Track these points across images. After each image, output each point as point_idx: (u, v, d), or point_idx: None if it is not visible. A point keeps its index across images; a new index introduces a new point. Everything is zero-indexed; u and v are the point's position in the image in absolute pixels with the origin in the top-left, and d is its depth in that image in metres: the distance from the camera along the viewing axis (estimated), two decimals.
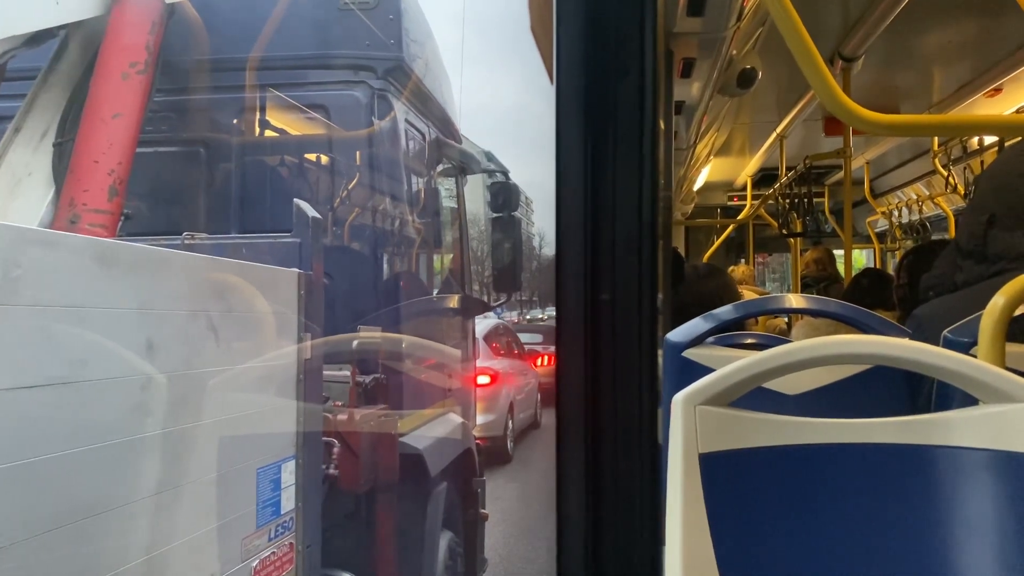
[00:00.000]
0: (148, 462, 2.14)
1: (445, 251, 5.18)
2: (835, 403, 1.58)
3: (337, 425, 3.41)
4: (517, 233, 4.80)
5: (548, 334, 16.41)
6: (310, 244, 3.12)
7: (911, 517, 0.88)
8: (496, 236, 4.80)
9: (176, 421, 2.25)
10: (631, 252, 0.83)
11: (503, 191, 4.82)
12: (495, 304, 5.59)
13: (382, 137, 4.05)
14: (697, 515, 0.87)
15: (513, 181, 4.87)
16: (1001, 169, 1.59)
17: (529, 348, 14.07)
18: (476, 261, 6.41)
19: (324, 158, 4.20)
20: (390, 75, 4.04)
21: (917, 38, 3.71)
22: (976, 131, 4.19)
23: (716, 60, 3.04)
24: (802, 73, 1.33)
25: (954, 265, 1.58)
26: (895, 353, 0.93)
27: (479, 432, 8.50)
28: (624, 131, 0.84)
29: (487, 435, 9.34)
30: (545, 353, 15.26)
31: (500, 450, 9.74)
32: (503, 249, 4.76)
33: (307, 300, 3.00)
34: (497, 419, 9.69)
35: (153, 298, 2.21)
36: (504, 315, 55.06)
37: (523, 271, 5.07)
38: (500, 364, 10.48)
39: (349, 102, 3.96)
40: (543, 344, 15.51)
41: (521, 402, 11.11)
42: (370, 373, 3.69)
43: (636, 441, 0.85)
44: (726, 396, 0.91)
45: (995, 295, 1.12)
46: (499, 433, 9.78)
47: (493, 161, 6.64)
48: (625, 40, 0.84)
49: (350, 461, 3.41)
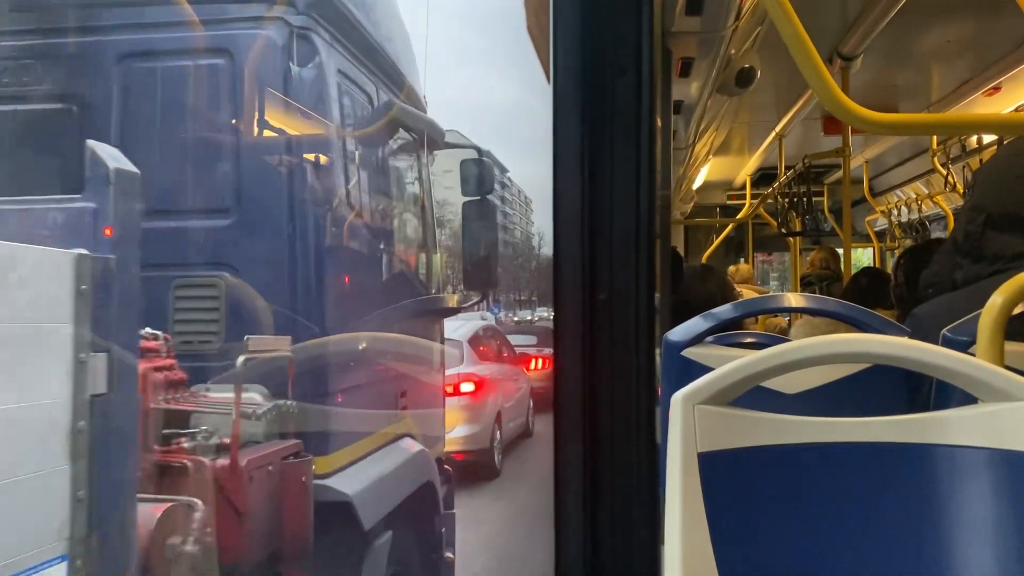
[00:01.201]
0: None
1: (402, 242, 4.29)
2: (834, 402, 1.57)
3: (202, 478, 2.42)
4: (492, 220, 4.05)
5: (542, 335, 15.74)
6: (112, 210, 2.12)
7: (910, 515, 0.88)
8: (468, 224, 3.98)
9: None
10: (629, 251, 0.83)
11: (475, 170, 4.00)
12: (467, 305, 4.76)
13: (302, 89, 3.17)
14: (696, 514, 0.87)
15: (487, 159, 4.10)
16: (996, 170, 1.59)
17: (521, 351, 13.22)
18: (447, 254, 5.70)
19: (227, 118, 3.20)
20: (316, 10, 3.18)
21: (916, 37, 3.71)
22: (975, 130, 4.19)
23: (715, 59, 3.04)
24: (801, 72, 1.33)
25: (953, 263, 1.58)
26: (894, 352, 0.93)
27: (461, 446, 8.25)
28: (622, 130, 0.84)
29: (471, 448, 8.71)
30: (539, 356, 14.43)
31: (486, 464, 9.03)
32: (476, 240, 3.96)
33: (99, 298, 1.99)
34: (482, 431, 8.94)
35: None
36: (501, 315, 53.87)
37: (499, 265, 4.24)
38: (487, 369, 9.84)
39: (259, 44, 3.10)
40: (537, 347, 14.74)
41: (511, 410, 10.43)
42: (279, 396, 2.82)
43: (634, 440, 0.85)
44: (725, 395, 0.91)
45: (993, 294, 1.12)
46: (485, 446, 9.02)
47: (492, 160, 5.84)
48: (623, 39, 0.84)
49: (227, 530, 2.43)
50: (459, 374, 8.72)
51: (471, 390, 8.88)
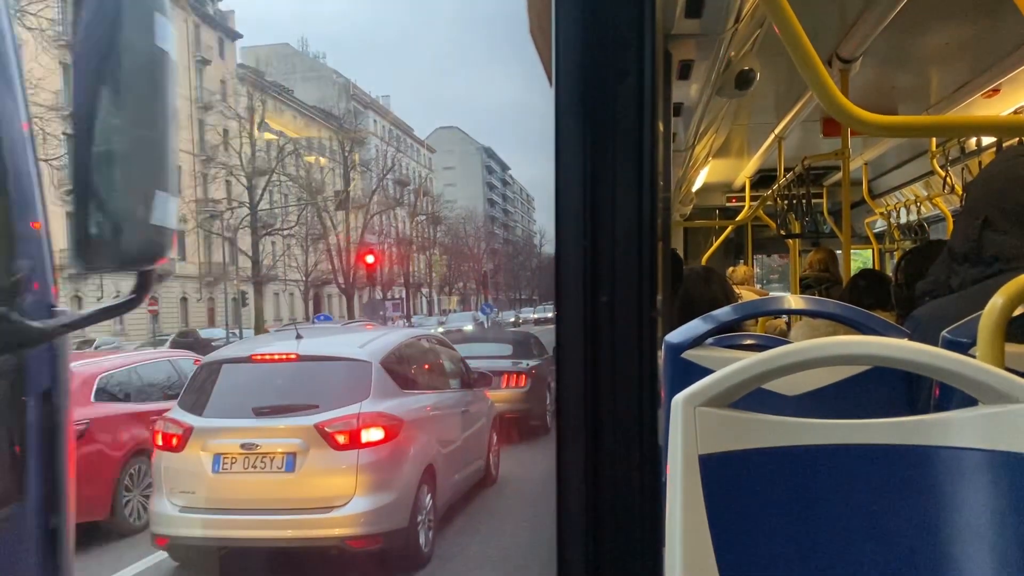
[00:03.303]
0: None
1: None
2: (834, 404, 1.58)
3: None
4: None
5: (522, 344, 13.15)
6: None
7: (911, 517, 0.88)
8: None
9: None
10: (631, 253, 0.83)
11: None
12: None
13: None
14: (697, 516, 0.88)
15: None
16: (995, 173, 1.60)
17: (492, 365, 10.60)
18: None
19: None
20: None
21: (915, 39, 3.71)
22: (974, 132, 4.19)
23: (714, 61, 3.04)
24: (800, 74, 1.33)
25: (949, 270, 1.58)
26: (894, 354, 0.94)
27: (360, 528, 5.75)
28: (623, 133, 0.84)
29: (376, 532, 5.89)
30: (513, 372, 11.43)
31: (404, 552, 6.16)
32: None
33: None
34: (396, 502, 6.04)
35: None
36: (497, 315, 51.63)
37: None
38: (413, 404, 6.80)
39: None
40: (513, 358, 12.11)
41: (454, 458, 7.32)
42: None
43: (636, 443, 0.85)
44: (726, 397, 0.91)
45: (994, 296, 1.12)
46: (400, 525, 6.05)
47: (493, 157, 4.98)
48: (624, 42, 0.84)
49: None
50: (359, 415, 6.02)
51: (380, 438, 6.06)
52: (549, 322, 52.05)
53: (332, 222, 49.74)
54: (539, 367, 12.12)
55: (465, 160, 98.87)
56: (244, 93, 48.39)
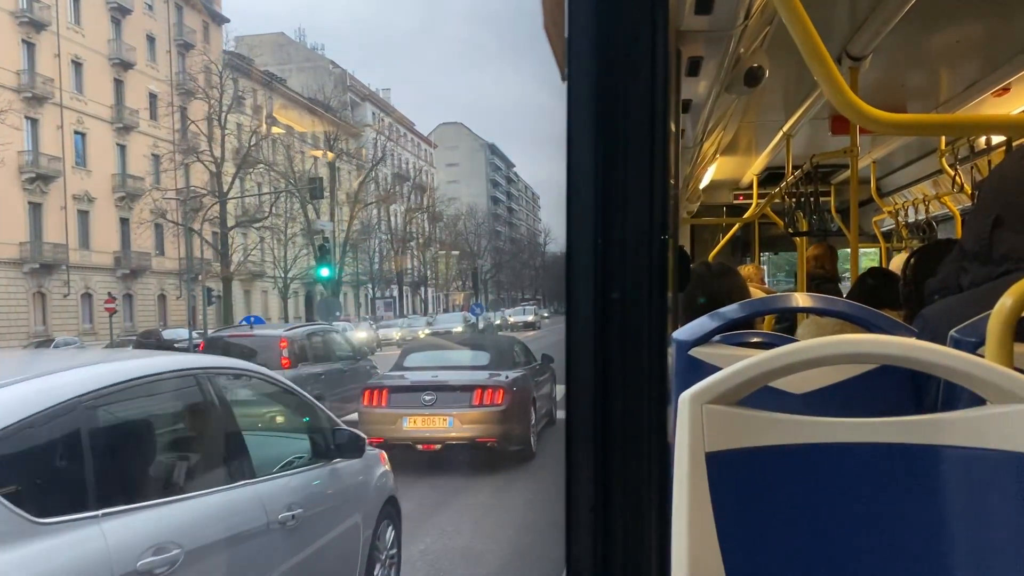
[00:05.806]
0: None
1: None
2: (842, 402, 1.57)
3: None
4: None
5: (500, 352, 10.57)
6: None
7: (918, 516, 0.88)
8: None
9: None
10: (641, 250, 0.83)
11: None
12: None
13: None
14: (703, 514, 0.88)
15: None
16: (1007, 172, 1.59)
17: (463, 381, 8.16)
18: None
19: None
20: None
21: (925, 37, 3.70)
22: (983, 131, 4.18)
23: (723, 58, 3.03)
24: (810, 71, 1.33)
25: (959, 268, 1.58)
26: (902, 353, 0.93)
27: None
28: (634, 129, 0.84)
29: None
30: (488, 387, 8.62)
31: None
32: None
33: None
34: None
35: None
36: (486, 316, 49.90)
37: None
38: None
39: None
40: (489, 368, 9.26)
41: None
42: None
43: (645, 439, 0.85)
44: (733, 395, 0.91)
45: (1003, 295, 1.11)
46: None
47: (497, 153, 5.08)
48: (635, 38, 0.84)
49: None
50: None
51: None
52: (533, 327, 50.65)
53: (315, 214, 49.03)
54: (521, 378, 10.25)
55: (469, 156, 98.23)
56: (229, 79, 47.47)
